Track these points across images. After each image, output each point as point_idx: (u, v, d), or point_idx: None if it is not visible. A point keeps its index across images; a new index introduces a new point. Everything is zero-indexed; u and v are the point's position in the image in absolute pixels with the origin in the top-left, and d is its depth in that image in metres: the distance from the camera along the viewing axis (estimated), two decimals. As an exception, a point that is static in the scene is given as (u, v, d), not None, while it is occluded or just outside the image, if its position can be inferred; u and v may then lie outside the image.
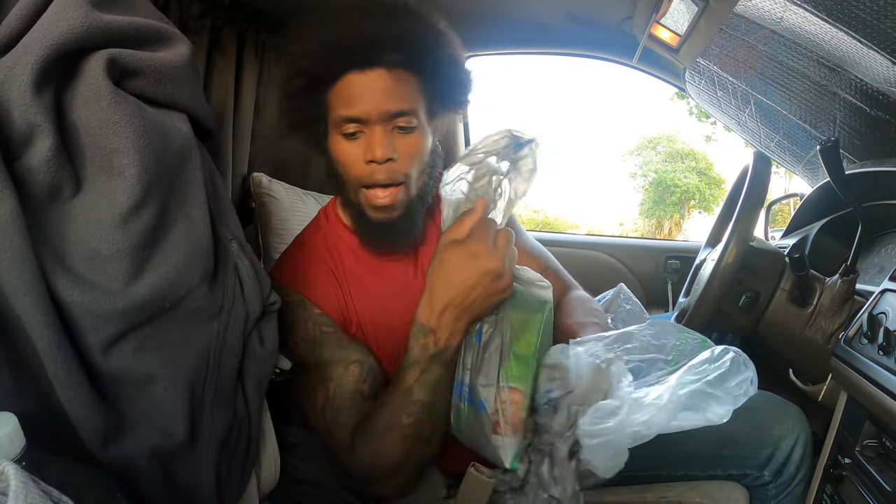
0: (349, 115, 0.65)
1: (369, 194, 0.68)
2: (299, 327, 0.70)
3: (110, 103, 0.41)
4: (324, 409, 0.67)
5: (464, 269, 0.58)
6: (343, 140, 0.67)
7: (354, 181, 0.68)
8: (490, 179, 0.60)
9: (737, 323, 0.83)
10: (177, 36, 0.49)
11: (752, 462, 0.78)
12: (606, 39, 1.39)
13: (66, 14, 0.40)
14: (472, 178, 0.61)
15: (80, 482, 0.35)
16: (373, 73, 0.64)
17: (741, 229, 0.75)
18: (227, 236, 0.53)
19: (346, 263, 0.75)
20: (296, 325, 0.70)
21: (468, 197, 0.61)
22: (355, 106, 0.65)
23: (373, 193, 0.68)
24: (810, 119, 0.96)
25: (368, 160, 0.66)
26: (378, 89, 0.64)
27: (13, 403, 0.38)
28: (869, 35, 0.70)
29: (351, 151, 0.67)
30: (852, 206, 0.71)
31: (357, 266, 0.75)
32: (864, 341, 0.64)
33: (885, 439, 0.60)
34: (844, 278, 0.74)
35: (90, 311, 0.40)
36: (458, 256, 0.58)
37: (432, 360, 0.60)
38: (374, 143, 0.65)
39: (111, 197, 0.41)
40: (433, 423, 0.62)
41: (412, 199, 0.70)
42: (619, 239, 1.72)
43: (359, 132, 0.66)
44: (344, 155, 0.68)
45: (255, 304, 0.54)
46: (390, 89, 0.65)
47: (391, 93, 0.65)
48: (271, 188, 1.17)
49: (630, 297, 1.02)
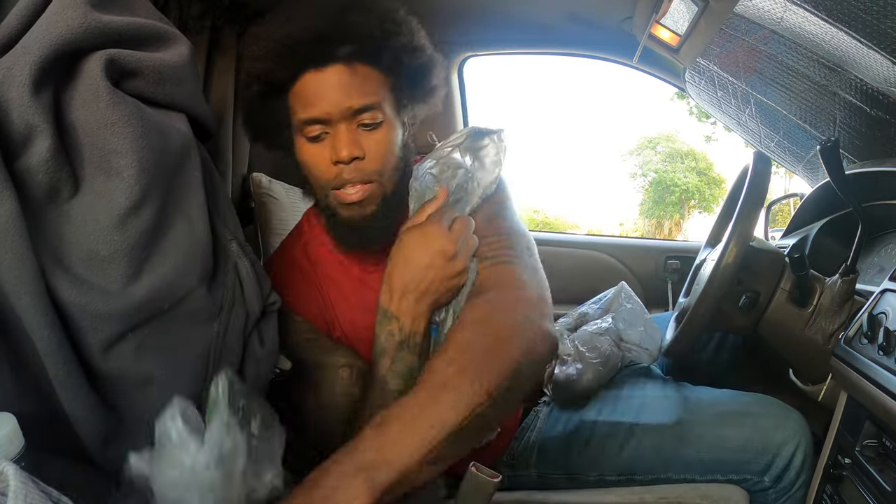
0: (310, 117, 0.63)
1: (339, 193, 0.66)
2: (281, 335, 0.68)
3: (109, 104, 0.41)
4: (315, 414, 0.66)
5: (418, 250, 0.60)
6: (308, 143, 0.65)
7: (324, 184, 0.66)
8: (454, 172, 0.62)
9: (737, 323, 0.83)
10: (176, 36, 0.49)
11: (752, 468, 0.78)
12: (606, 39, 1.39)
13: (65, 14, 0.40)
14: (437, 171, 0.62)
15: (79, 482, 0.35)
16: (329, 69, 0.61)
17: (741, 229, 0.75)
18: (226, 236, 0.53)
19: (326, 269, 0.74)
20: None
21: (431, 189, 0.62)
22: (315, 106, 0.62)
23: (342, 191, 0.65)
24: (810, 119, 0.95)
25: (335, 161, 0.63)
26: (336, 86, 0.62)
27: (13, 403, 0.38)
28: (869, 35, 0.70)
29: (316, 154, 0.65)
30: (852, 206, 0.71)
31: (336, 271, 0.74)
32: (864, 341, 0.64)
33: (885, 439, 0.60)
34: (844, 278, 0.74)
35: (89, 311, 0.40)
36: (415, 238, 0.60)
37: (400, 348, 0.60)
38: (339, 143, 0.63)
39: (109, 197, 0.41)
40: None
41: (386, 196, 0.67)
42: (619, 239, 1.72)
43: (323, 133, 0.64)
44: (310, 158, 0.65)
45: (254, 305, 0.54)
46: (349, 84, 0.62)
47: (351, 88, 0.62)
48: (271, 188, 1.17)
49: (631, 295, 1.02)
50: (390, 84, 0.66)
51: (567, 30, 1.37)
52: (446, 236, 0.59)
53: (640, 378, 0.97)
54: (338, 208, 0.67)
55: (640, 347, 0.95)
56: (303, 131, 0.64)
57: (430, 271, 0.59)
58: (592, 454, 0.84)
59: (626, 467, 0.82)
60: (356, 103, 0.62)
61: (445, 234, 0.59)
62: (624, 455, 0.82)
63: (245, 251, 0.54)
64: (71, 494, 0.31)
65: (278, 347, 0.59)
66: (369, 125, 0.64)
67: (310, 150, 0.65)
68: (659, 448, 0.82)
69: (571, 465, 0.84)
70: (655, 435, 0.82)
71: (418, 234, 0.60)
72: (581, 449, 0.84)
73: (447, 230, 0.60)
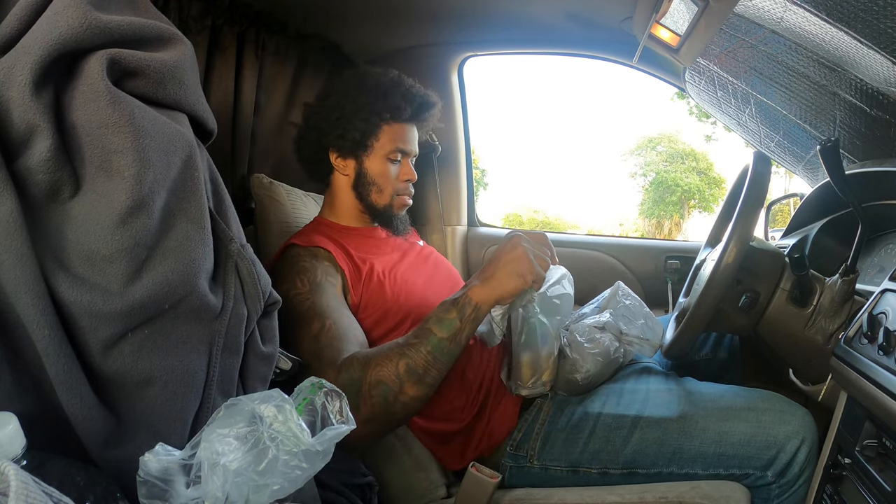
0: (403, 149, 1.02)
1: (401, 198, 1.04)
2: (311, 271, 0.87)
3: (109, 103, 0.41)
4: (318, 335, 0.79)
5: (511, 264, 0.78)
6: (389, 163, 1.01)
7: (392, 191, 1.02)
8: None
9: (737, 323, 0.83)
10: (177, 36, 0.49)
11: (755, 463, 0.78)
12: (606, 39, 1.38)
13: (66, 14, 0.40)
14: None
15: (80, 482, 0.35)
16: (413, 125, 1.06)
17: (741, 229, 0.74)
18: (227, 236, 0.53)
19: (353, 241, 0.99)
20: (308, 269, 0.87)
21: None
22: (409, 144, 1.03)
23: (403, 198, 1.04)
24: (810, 119, 0.95)
25: (406, 179, 1.03)
26: (416, 137, 1.06)
27: (13, 403, 0.38)
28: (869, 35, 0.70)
29: (394, 171, 1.02)
30: (852, 206, 0.71)
31: (363, 242, 1.01)
32: (864, 341, 0.64)
33: (885, 439, 0.60)
34: (844, 278, 0.74)
35: (89, 311, 0.40)
36: (511, 253, 0.79)
37: (459, 312, 0.77)
38: (412, 170, 1.04)
39: (110, 197, 0.41)
40: (434, 363, 0.74)
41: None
42: (619, 239, 1.71)
43: (399, 159, 1.02)
44: (388, 172, 1.01)
45: (255, 304, 0.54)
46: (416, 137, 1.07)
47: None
48: (271, 189, 1.17)
49: (629, 293, 1.02)
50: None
51: (567, 30, 1.37)
52: (529, 263, 0.78)
53: (644, 372, 0.97)
54: (395, 207, 1.04)
55: (641, 339, 0.95)
56: (388, 154, 1.01)
57: (510, 280, 0.77)
58: (596, 447, 0.84)
59: (629, 460, 0.83)
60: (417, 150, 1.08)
61: (529, 262, 0.78)
62: (627, 448, 0.83)
63: (245, 251, 0.54)
64: (71, 494, 0.31)
65: (279, 347, 0.59)
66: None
67: (389, 167, 1.02)
68: (662, 441, 0.82)
69: (574, 457, 0.85)
70: (659, 428, 0.83)
71: (516, 252, 0.78)
72: (585, 441, 0.85)
73: (531, 259, 0.78)
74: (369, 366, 0.73)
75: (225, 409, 0.40)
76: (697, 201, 14.00)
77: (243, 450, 0.38)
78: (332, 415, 0.44)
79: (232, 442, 0.38)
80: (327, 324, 0.81)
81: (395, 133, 1.01)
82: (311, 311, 0.82)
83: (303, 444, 0.39)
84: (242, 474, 0.37)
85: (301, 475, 0.39)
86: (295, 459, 0.38)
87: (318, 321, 0.81)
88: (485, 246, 1.64)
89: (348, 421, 0.44)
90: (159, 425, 0.45)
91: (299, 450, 0.39)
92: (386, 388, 0.72)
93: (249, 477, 0.37)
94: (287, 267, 0.89)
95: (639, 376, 0.96)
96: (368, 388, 0.72)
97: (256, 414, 0.40)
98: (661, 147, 14.75)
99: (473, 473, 0.83)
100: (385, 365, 0.73)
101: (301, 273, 0.87)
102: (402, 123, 1.01)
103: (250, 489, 0.37)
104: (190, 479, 0.37)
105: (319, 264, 0.89)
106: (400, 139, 1.01)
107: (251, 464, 0.37)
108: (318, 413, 0.44)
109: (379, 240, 1.06)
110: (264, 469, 0.38)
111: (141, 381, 0.43)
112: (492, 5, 1.29)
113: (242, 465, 0.37)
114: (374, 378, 0.72)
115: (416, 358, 0.73)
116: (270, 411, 0.40)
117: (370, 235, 1.06)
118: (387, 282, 0.95)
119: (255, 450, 0.38)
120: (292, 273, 0.87)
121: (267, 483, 0.37)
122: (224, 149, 1.19)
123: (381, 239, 1.06)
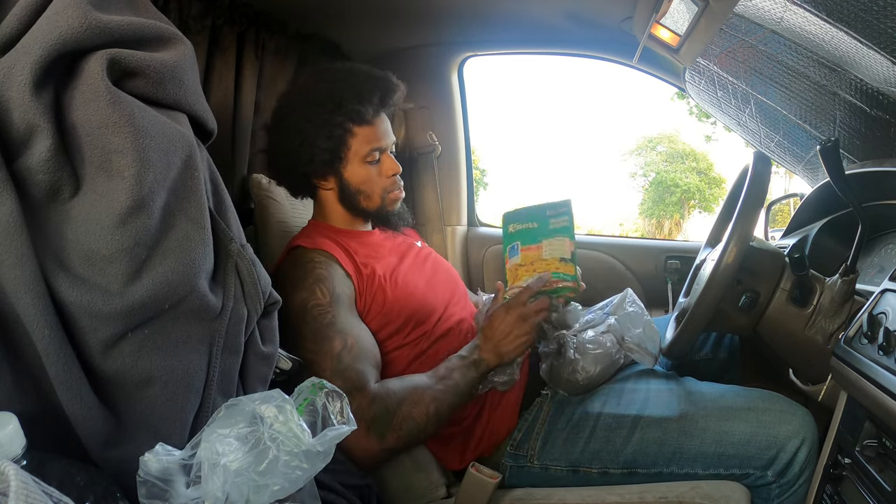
0: (378, 147, 0.97)
1: (393, 194, 1.01)
2: (328, 279, 0.87)
3: (109, 103, 0.41)
4: (341, 353, 0.81)
5: (507, 322, 0.87)
6: (368, 165, 0.97)
7: (380, 191, 0.99)
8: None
9: (737, 323, 0.83)
10: (177, 36, 0.49)
11: (755, 462, 0.78)
12: (606, 39, 1.38)
13: (66, 14, 0.40)
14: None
15: (80, 482, 0.35)
16: (382, 114, 0.99)
17: (741, 229, 0.74)
18: (227, 236, 0.53)
19: (353, 245, 0.97)
20: (325, 278, 0.87)
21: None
22: (382, 139, 0.97)
23: (394, 193, 1.01)
24: (810, 119, 0.95)
25: (391, 174, 0.99)
26: (387, 128, 1.00)
27: (13, 403, 0.38)
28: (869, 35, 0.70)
29: (375, 171, 0.98)
30: (852, 206, 0.71)
31: (361, 246, 0.98)
32: (864, 341, 0.64)
33: (885, 439, 0.60)
34: (844, 278, 0.74)
35: (89, 311, 0.40)
36: (505, 315, 0.87)
37: (477, 370, 0.86)
38: (394, 163, 1.00)
39: (110, 197, 0.41)
40: (455, 407, 0.84)
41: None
42: (619, 239, 1.72)
43: (378, 158, 0.98)
44: (370, 175, 0.98)
45: (255, 304, 0.54)
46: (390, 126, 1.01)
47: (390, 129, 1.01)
48: (271, 189, 1.17)
49: (635, 300, 1.02)
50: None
51: (567, 30, 1.37)
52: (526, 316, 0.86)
53: (644, 373, 0.97)
54: (388, 204, 1.01)
55: (640, 348, 0.95)
56: (366, 157, 0.97)
57: (516, 349, 0.87)
58: (596, 446, 0.84)
59: (629, 460, 0.83)
60: (393, 139, 1.02)
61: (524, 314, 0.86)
62: (627, 448, 0.83)
63: (245, 251, 0.54)
64: (71, 494, 0.31)
65: (279, 347, 0.59)
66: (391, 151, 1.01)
67: (369, 169, 0.98)
68: (662, 441, 0.82)
69: (575, 457, 0.85)
70: (659, 428, 0.83)
71: (511, 313, 0.87)
72: (585, 441, 0.85)
73: (527, 309, 0.86)
74: (404, 403, 0.80)
75: (225, 409, 0.40)
76: (697, 201, 14.00)
77: (244, 450, 0.38)
78: (332, 415, 0.44)
79: (232, 442, 0.38)
80: (349, 342, 0.82)
81: (364, 136, 0.95)
82: (332, 326, 0.82)
83: (303, 445, 0.39)
84: (243, 474, 0.37)
85: (302, 476, 0.39)
86: (296, 460, 0.39)
87: (340, 339, 0.82)
88: (485, 246, 1.64)
89: (349, 422, 0.44)
90: (159, 425, 0.45)
91: (300, 450, 0.39)
92: (415, 424, 0.80)
93: (250, 477, 0.37)
94: (300, 272, 0.87)
95: (639, 376, 0.96)
96: (399, 422, 0.79)
97: (257, 414, 0.40)
98: (662, 147, 14.74)
99: (473, 473, 0.83)
100: (418, 405, 0.81)
101: (319, 282, 0.86)
102: (367, 125, 0.96)
103: (250, 489, 0.37)
104: (190, 479, 0.37)
105: (335, 272, 0.88)
106: (372, 139, 0.96)
107: (251, 464, 0.37)
108: (319, 413, 0.44)
109: (377, 243, 1.03)
110: (265, 469, 0.38)
111: (141, 381, 0.43)
112: (492, 5, 1.29)
113: (243, 466, 0.37)
114: (406, 414, 0.80)
115: (444, 403, 0.82)
116: (271, 412, 0.40)
117: (368, 238, 1.03)
118: (388, 286, 0.94)
119: (255, 450, 0.38)
120: (309, 281, 0.86)
121: (267, 483, 0.38)
122: (224, 149, 1.19)
123: (378, 242, 1.03)
